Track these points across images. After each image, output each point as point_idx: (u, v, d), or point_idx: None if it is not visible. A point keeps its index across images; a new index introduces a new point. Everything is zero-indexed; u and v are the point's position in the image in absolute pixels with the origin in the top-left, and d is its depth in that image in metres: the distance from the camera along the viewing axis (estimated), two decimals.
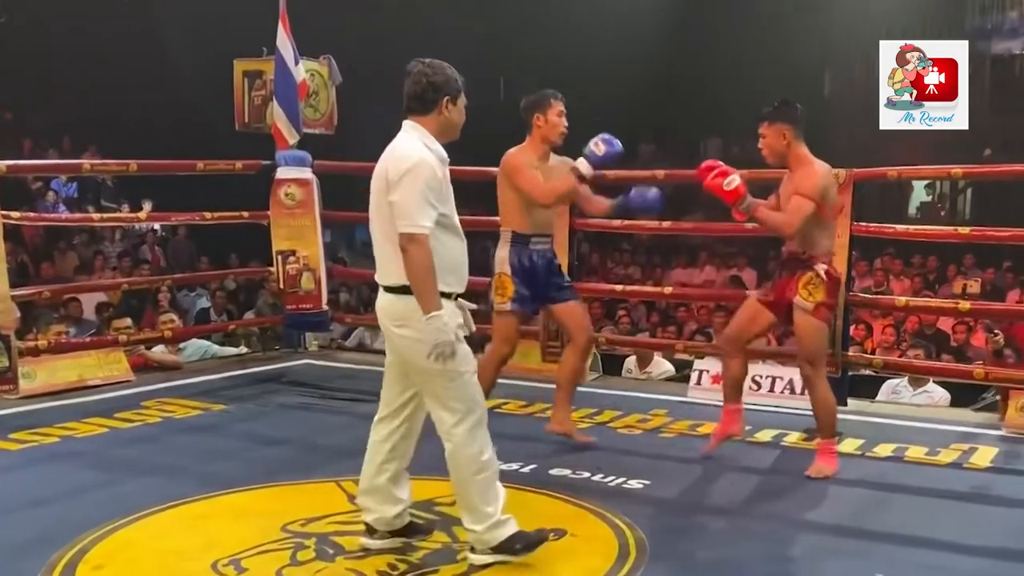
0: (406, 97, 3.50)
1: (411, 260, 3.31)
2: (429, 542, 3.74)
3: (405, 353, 3.44)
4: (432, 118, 3.48)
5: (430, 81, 3.47)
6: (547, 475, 4.57)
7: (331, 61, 7.25)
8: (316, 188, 7.04)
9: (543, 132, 4.87)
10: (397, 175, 3.33)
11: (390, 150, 3.45)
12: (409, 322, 3.36)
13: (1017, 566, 3.67)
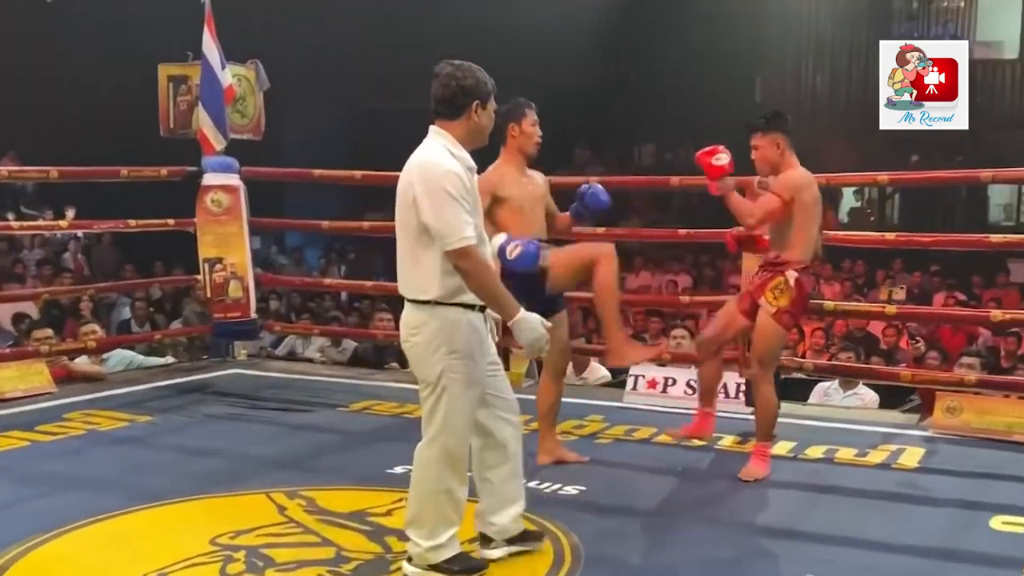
0: (433, 101, 3.36)
1: (470, 275, 3.22)
2: (361, 553, 3.68)
3: (414, 362, 3.40)
4: (460, 124, 3.36)
5: (460, 85, 3.35)
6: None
7: (258, 66, 7.14)
8: (243, 194, 6.92)
9: (518, 143, 4.66)
10: (424, 192, 3.21)
11: (415, 161, 3.32)
12: (421, 330, 3.32)
13: (945, 564, 3.71)
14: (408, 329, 3.36)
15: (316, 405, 6.09)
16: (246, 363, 7.39)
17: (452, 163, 3.26)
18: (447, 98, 3.34)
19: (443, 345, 3.30)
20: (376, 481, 4.53)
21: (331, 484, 4.49)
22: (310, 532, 3.89)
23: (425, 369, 3.34)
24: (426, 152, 3.32)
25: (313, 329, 8.25)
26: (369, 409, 6.00)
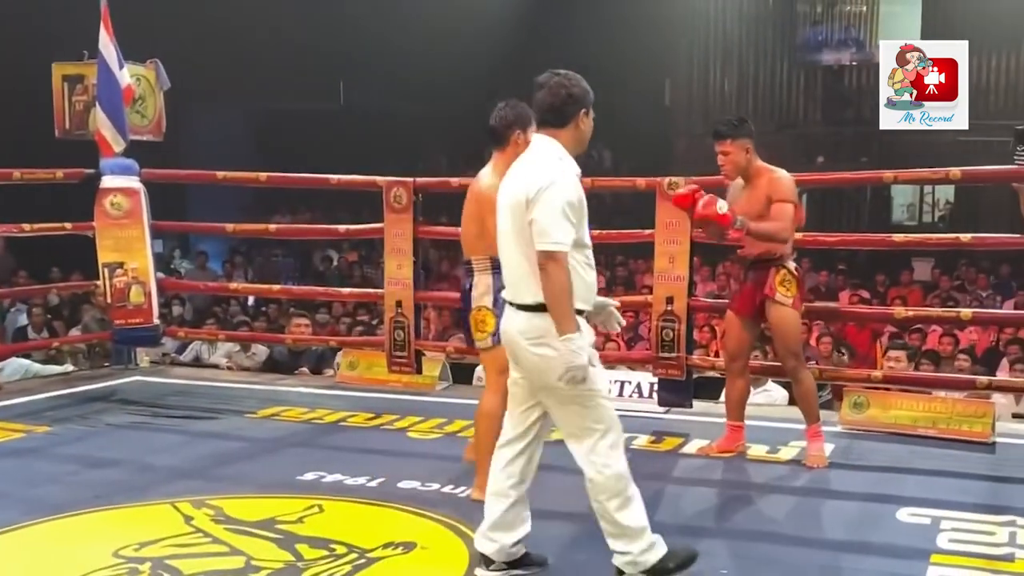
0: (540, 109, 3.37)
1: (549, 278, 3.20)
2: (271, 561, 3.59)
3: (540, 372, 3.29)
4: (567, 131, 3.36)
5: (569, 93, 3.35)
6: (395, 488, 4.46)
7: (158, 65, 6.95)
8: (144, 197, 6.72)
9: (520, 150, 4.39)
10: (536, 192, 3.21)
11: (527, 166, 3.33)
12: (547, 339, 3.24)
13: (857, 556, 3.75)
14: (527, 338, 3.29)
15: (222, 412, 5.95)
16: (149, 370, 7.22)
17: (566, 169, 3.29)
18: (556, 106, 3.35)
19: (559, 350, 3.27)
20: (285, 488, 4.45)
21: (239, 492, 4.39)
22: (218, 542, 3.80)
23: (554, 375, 3.24)
24: (539, 158, 3.33)
25: (218, 334, 8.05)
26: (277, 416, 5.88)
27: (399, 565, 3.59)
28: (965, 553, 3.72)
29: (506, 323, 3.39)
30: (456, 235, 7.77)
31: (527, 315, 3.30)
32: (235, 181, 7.19)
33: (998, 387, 5.94)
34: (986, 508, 4.21)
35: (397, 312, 6.19)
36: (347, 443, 5.30)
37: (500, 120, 4.33)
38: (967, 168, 5.38)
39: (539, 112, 3.39)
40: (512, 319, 3.35)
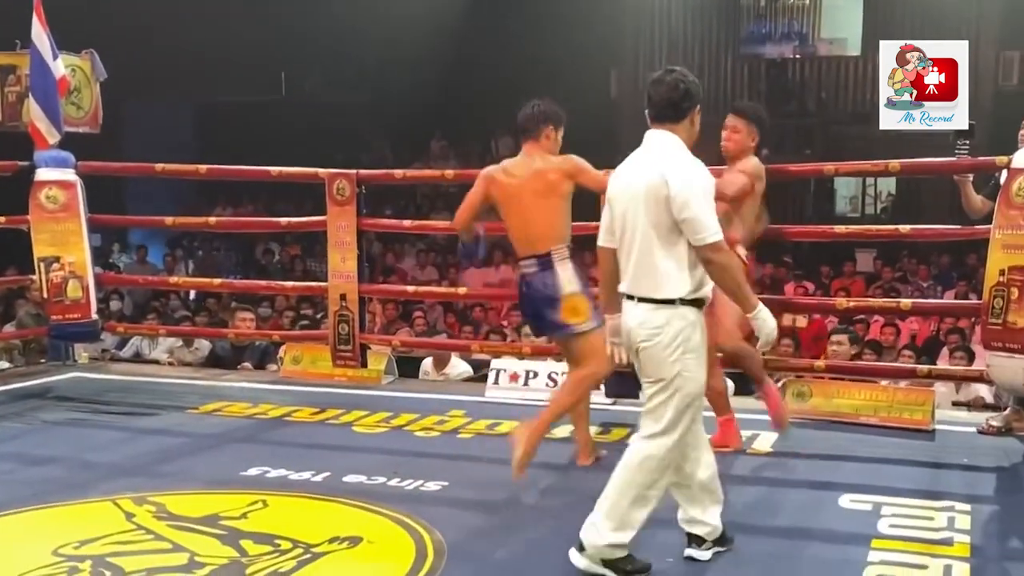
0: (658, 105, 3.41)
1: (722, 267, 3.32)
2: (215, 557, 3.55)
3: (648, 358, 3.36)
4: (683, 127, 3.42)
5: (687, 89, 3.41)
6: (341, 482, 4.43)
7: (94, 56, 6.80)
8: (81, 190, 6.57)
9: (547, 146, 4.52)
10: (682, 189, 3.26)
11: (657, 159, 3.34)
12: (664, 329, 3.32)
13: (799, 543, 3.80)
14: (647, 329, 3.34)
15: (163, 408, 5.86)
16: (88, 366, 7.08)
17: (698, 163, 3.37)
18: (675, 101, 3.39)
19: (682, 345, 3.34)
20: (229, 484, 4.40)
21: (181, 489, 4.34)
22: (161, 539, 3.75)
23: (662, 368, 3.33)
24: (670, 152, 3.37)
25: (158, 329, 7.91)
26: (220, 411, 5.80)
27: (345, 559, 3.57)
28: (905, 538, 3.78)
29: (626, 314, 3.41)
30: (399, 228, 7.84)
31: (649, 307, 3.34)
32: (174, 174, 7.06)
33: (938, 376, 6.05)
34: (925, 494, 4.28)
35: (341, 305, 6.14)
36: (292, 438, 5.24)
37: (535, 114, 4.52)
38: (906, 160, 5.46)
39: (656, 108, 3.42)
40: (634, 311, 3.38)
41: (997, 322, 4.85)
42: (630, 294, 3.40)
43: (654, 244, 3.33)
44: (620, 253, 3.46)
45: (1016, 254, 4.79)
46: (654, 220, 3.32)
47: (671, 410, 3.36)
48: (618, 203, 3.43)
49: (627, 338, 3.42)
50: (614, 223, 3.47)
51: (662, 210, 3.29)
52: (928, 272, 12.54)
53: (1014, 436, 5.13)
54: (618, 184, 3.46)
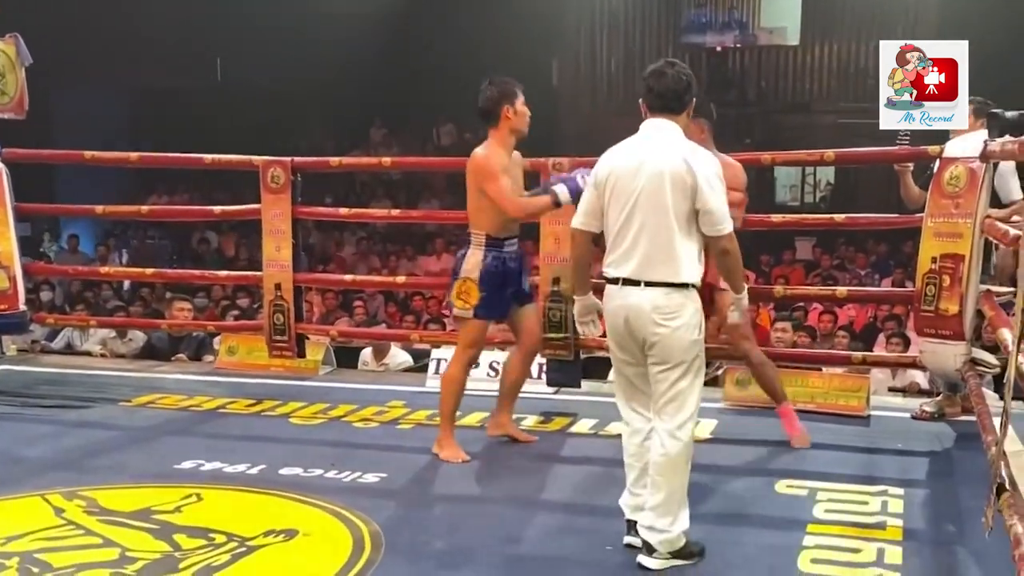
0: (662, 96, 3.46)
1: (733, 255, 3.48)
2: (147, 552, 3.48)
3: (669, 344, 3.38)
4: (683, 118, 3.50)
5: (689, 81, 3.50)
6: (277, 475, 4.36)
7: (18, 39, 6.58)
8: (7, 178, 6.38)
9: (512, 124, 4.56)
10: (706, 179, 3.35)
11: (678, 148, 3.39)
12: (680, 313, 3.38)
13: (736, 528, 3.82)
14: (663, 314, 3.37)
15: (96, 401, 5.73)
16: (17, 359, 6.92)
17: (709, 153, 3.50)
18: (680, 93, 3.47)
19: (697, 327, 3.43)
20: (162, 477, 4.32)
21: (113, 483, 4.24)
22: (91, 534, 3.67)
23: (682, 352, 3.39)
24: (680, 140, 3.44)
25: (89, 320, 7.73)
26: (154, 403, 5.69)
27: (281, 552, 3.52)
28: (840, 522, 3.82)
29: (629, 300, 3.40)
30: (336, 216, 7.74)
31: (663, 291, 3.38)
32: (104, 161, 6.88)
33: (873, 362, 6.13)
34: (860, 479, 4.34)
35: (276, 295, 6.05)
36: (227, 430, 5.17)
37: (488, 100, 4.55)
38: (841, 150, 5.53)
39: (660, 98, 3.46)
40: (643, 296, 3.38)
41: (929, 309, 4.92)
42: (636, 279, 3.40)
43: (675, 230, 3.36)
44: (615, 237, 3.46)
45: (947, 242, 4.86)
46: (676, 206, 3.36)
47: (695, 392, 3.45)
48: (621, 187, 3.43)
49: (633, 323, 3.41)
50: (607, 207, 3.47)
51: (685, 197, 3.34)
52: (866, 260, 12.75)
53: (946, 421, 5.22)
54: (619, 169, 3.45)
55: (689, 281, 3.39)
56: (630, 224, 3.40)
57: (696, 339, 3.42)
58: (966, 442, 4.76)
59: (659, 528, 3.39)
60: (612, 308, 3.48)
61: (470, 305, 4.56)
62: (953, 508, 4.00)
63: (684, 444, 3.42)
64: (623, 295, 3.43)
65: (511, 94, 4.56)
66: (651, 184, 3.36)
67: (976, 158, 4.74)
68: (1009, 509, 2.96)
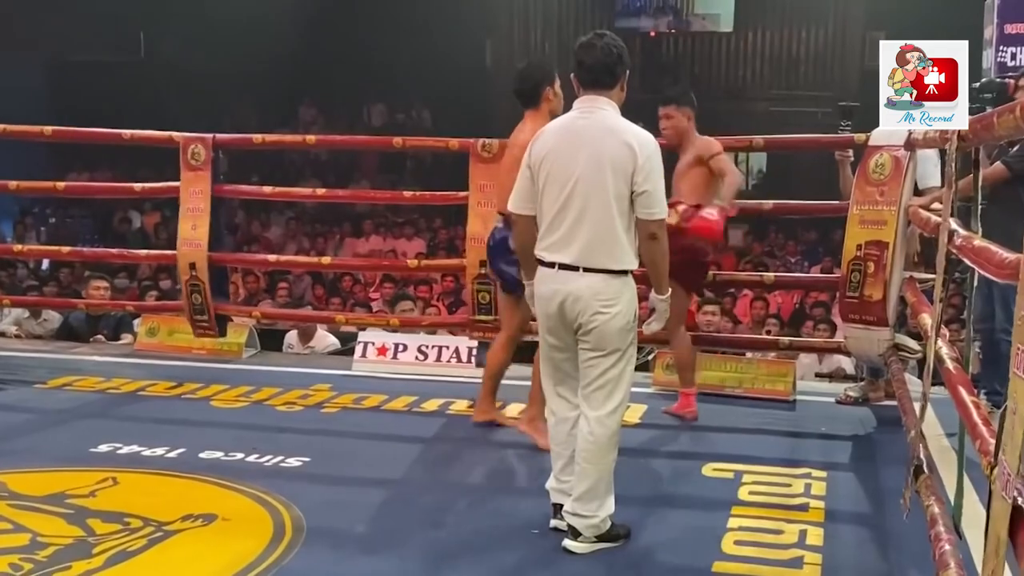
0: (593, 70, 3.35)
1: (660, 245, 3.35)
2: (59, 537, 3.38)
3: (607, 331, 3.30)
4: (616, 92, 3.38)
5: (620, 53, 3.38)
6: (197, 459, 4.27)
7: None
8: None
9: (552, 105, 4.45)
10: (647, 161, 3.25)
11: (619, 129, 3.29)
12: (618, 300, 3.31)
13: (663, 511, 3.83)
14: (601, 300, 3.29)
15: (8, 383, 5.56)
16: None
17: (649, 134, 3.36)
18: (610, 66, 3.35)
19: (631, 314, 3.35)
20: (77, 461, 4.20)
21: (25, 466, 4.11)
22: (1, 519, 3.54)
23: (617, 339, 3.32)
24: (619, 120, 3.33)
25: (3, 299, 7.47)
26: (70, 385, 5.54)
27: (198, 537, 3.43)
28: (764, 504, 3.85)
29: (568, 285, 3.31)
30: (259, 195, 7.58)
31: (604, 277, 3.30)
32: (17, 135, 6.61)
33: (799, 347, 6.20)
34: (784, 462, 4.38)
35: (192, 275, 5.90)
36: (145, 413, 5.03)
37: (532, 80, 4.47)
38: (771, 136, 5.57)
39: (591, 72, 3.36)
40: (582, 281, 3.30)
41: (854, 295, 4.97)
42: (575, 264, 3.31)
43: (615, 215, 3.28)
44: (551, 220, 3.35)
45: (872, 229, 4.91)
46: (616, 191, 3.27)
47: (626, 379, 3.39)
48: (558, 170, 3.32)
49: (569, 309, 3.33)
50: (543, 190, 3.37)
51: (625, 181, 3.26)
52: (796, 248, 12.91)
53: (869, 406, 5.30)
54: (555, 151, 3.35)
55: (628, 268, 3.34)
56: (568, 208, 3.31)
57: (631, 326, 3.37)
58: (888, 426, 4.83)
59: (584, 514, 3.37)
60: (545, 292, 3.39)
61: None
62: (874, 490, 4.05)
63: (612, 431, 3.38)
64: (559, 280, 3.35)
65: (551, 76, 4.53)
66: (591, 167, 3.28)
67: (901, 146, 4.80)
68: (926, 490, 3.01)
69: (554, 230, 3.35)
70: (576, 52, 3.40)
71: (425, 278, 9.35)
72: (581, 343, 3.36)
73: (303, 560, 3.27)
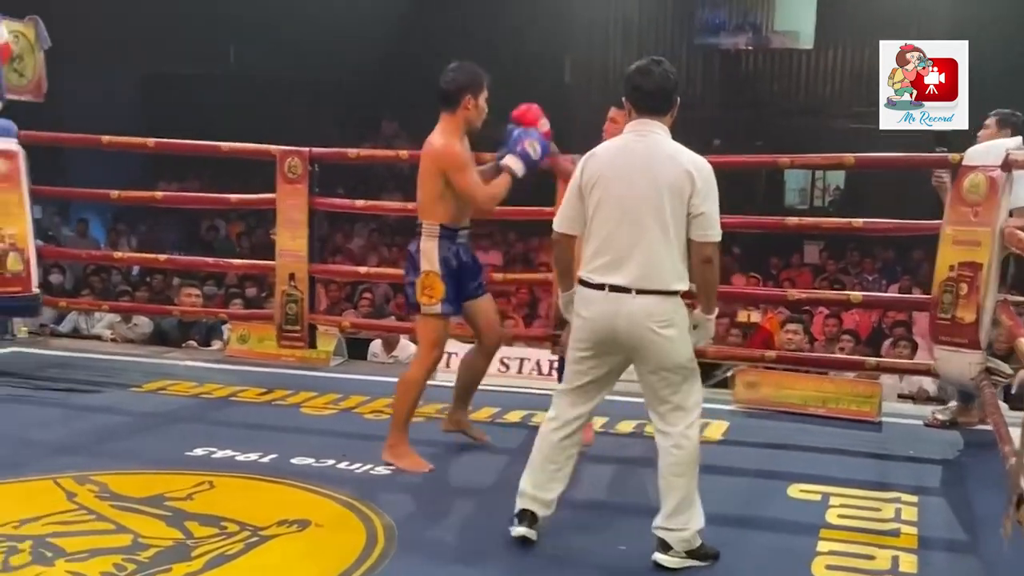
0: (652, 96, 3.37)
1: (714, 267, 3.38)
2: (160, 539, 3.46)
3: (665, 352, 3.34)
4: (668, 117, 3.41)
5: (676, 81, 3.43)
6: (289, 464, 4.35)
7: (38, 22, 6.57)
8: (23, 161, 6.37)
9: (469, 116, 4.29)
10: (704, 184, 3.28)
11: (676, 153, 3.31)
12: (675, 321, 3.34)
13: (749, 531, 3.82)
14: (656, 321, 3.31)
15: (106, 385, 5.73)
16: (27, 341, 6.91)
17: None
18: (668, 92, 3.40)
19: (686, 331, 3.39)
20: (174, 464, 4.30)
21: (125, 468, 4.22)
22: (103, 519, 3.65)
23: (679, 357, 3.36)
24: (676, 146, 3.36)
25: (101, 305, 7.72)
26: (164, 389, 5.69)
27: (293, 543, 3.50)
28: (853, 528, 3.80)
29: (622, 308, 3.31)
30: (352, 208, 7.71)
31: (658, 299, 3.31)
32: (120, 146, 6.85)
33: (886, 368, 6.12)
34: (873, 485, 4.32)
35: (290, 285, 6.03)
36: (238, 418, 5.16)
37: (452, 83, 4.29)
38: (860, 155, 5.49)
39: (649, 98, 3.37)
40: (636, 304, 3.30)
41: (946, 317, 4.90)
42: (629, 287, 3.31)
43: (671, 238, 3.30)
44: (601, 242, 3.36)
45: (966, 250, 4.84)
46: (674, 213, 3.29)
47: (696, 393, 3.43)
48: (612, 192, 3.34)
49: (624, 332, 3.33)
50: (594, 211, 3.37)
51: (682, 203, 3.28)
52: (873, 266, 12.73)
53: (959, 430, 5.21)
54: (610, 173, 3.36)
55: (681, 289, 3.35)
56: (621, 231, 3.32)
57: (688, 342, 3.40)
58: (978, 450, 4.76)
59: (674, 528, 3.39)
60: (596, 315, 3.37)
61: (436, 300, 4.31)
62: (967, 516, 3.99)
63: (695, 442, 3.42)
64: (612, 302, 3.33)
65: (477, 85, 4.29)
66: (649, 191, 3.29)
67: (997, 167, 4.72)
68: None
69: (604, 252, 3.35)
70: (632, 77, 3.41)
71: (503, 291, 9.40)
72: (642, 366, 3.38)
73: (397, 569, 3.32)
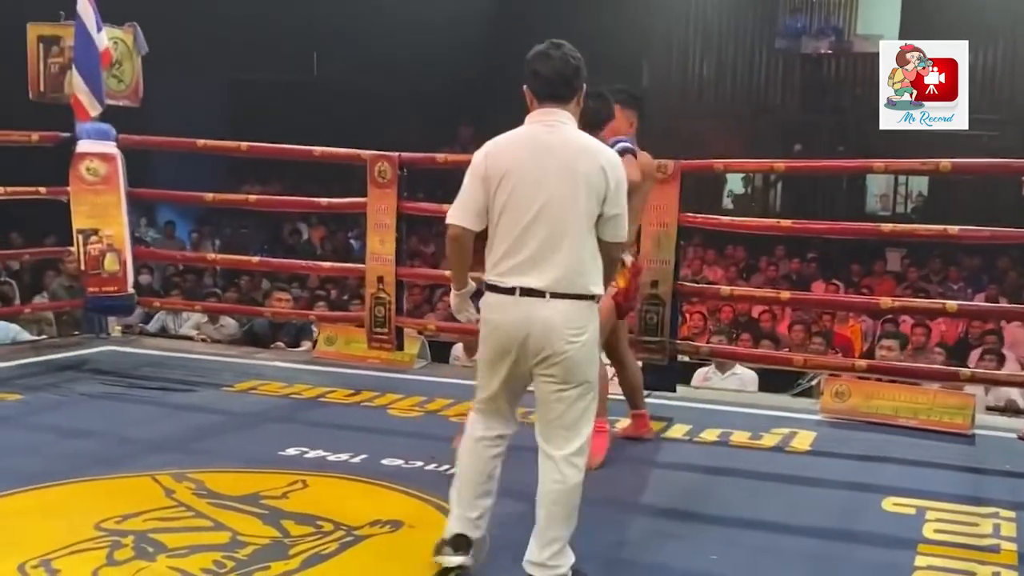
0: (551, 82, 3.12)
1: (617, 266, 3.24)
2: (257, 537, 3.53)
3: (576, 360, 3.07)
4: (572, 106, 3.17)
5: (578, 65, 3.15)
6: (379, 465, 4.41)
7: (136, 29, 6.77)
8: (121, 163, 6.57)
9: None
10: (616, 184, 3.08)
11: (591, 148, 3.11)
12: (587, 328, 3.09)
13: (844, 544, 3.77)
14: (571, 329, 3.05)
15: (198, 385, 5.85)
16: (121, 340, 7.07)
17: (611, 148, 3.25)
18: (569, 78, 3.13)
19: (596, 342, 3.19)
20: (268, 463, 4.38)
21: (220, 466, 4.31)
22: (202, 516, 3.72)
23: (587, 370, 3.11)
24: (590, 139, 3.17)
25: (195, 305, 7.91)
26: (255, 389, 5.80)
27: (387, 543, 3.54)
28: (952, 544, 3.73)
29: (535, 313, 3.04)
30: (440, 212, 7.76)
31: (574, 304, 3.06)
32: (214, 150, 7.03)
33: (981, 380, 5.98)
34: (970, 499, 4.23)
35: (378, 288, 6.11)
36: (327, 419, 5.24)
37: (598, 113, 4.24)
38: (957, 160, 5.38)
39: (549, 85, 3.12)
40: (551, 308, 3.03)
41: None
42: (544, 290, 3.03)
43: (585, 238, 3.06)
44: (512, 242, 3.06)
45: None
46: (589, 212, 3.05)
47: (590, 414, 3.15)
48: (523, 188, 3.04)
49: (536, 339, 3.05)
50: (502, 209, 3.07)
51: (598, 203, 3.05)
52: (958, 274, 12.45)
53: None
54: (518, 167, 3.06)
55: (598, 293, 3.13)
56: (535, 230, 3.04)
57: (596, 358, 3.18)
58: None
59: (551, 564, 3.11)
60: (506, 321, 3.08)
61: None
62: None
63: (578, 478, 3.11)
64: (523, 307, 3.05)
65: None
66: (565, 187, 3.03)
67: None
68: None
69: (515, 253, 3.06)
70: (531, 61, 3.15)
71: None
72: (543, 376, 3.09)
73: (489, 571, 3.33)
